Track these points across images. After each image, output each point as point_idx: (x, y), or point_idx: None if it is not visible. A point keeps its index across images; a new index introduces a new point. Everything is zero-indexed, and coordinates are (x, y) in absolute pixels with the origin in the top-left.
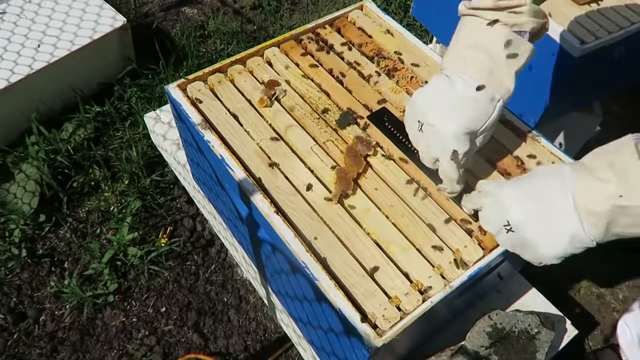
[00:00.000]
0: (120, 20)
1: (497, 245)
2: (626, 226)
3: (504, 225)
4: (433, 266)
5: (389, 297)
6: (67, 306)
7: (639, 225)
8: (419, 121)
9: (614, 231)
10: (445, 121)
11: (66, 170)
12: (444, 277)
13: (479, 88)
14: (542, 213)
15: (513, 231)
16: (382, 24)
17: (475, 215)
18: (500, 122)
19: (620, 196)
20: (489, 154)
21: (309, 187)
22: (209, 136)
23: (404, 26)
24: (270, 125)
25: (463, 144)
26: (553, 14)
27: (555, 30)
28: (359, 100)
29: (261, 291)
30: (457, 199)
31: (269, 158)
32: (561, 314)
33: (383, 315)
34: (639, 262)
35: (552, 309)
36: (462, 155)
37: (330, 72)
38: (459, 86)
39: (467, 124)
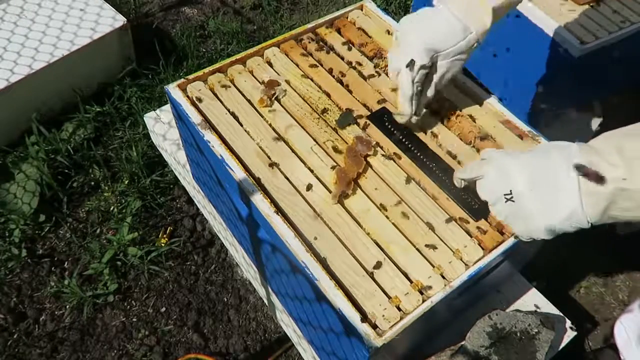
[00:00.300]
0: (120, 20)
1: (497, 245)
2: (625, 209)
3: (505, 194)
4: (433, 266)
5: (389, 297)
6: (67, 306)
7: (637, 209)
8: (396, 38)
9: (611, 214)
10: (411, 32)
11: (66, 170)
12: (444, 277)
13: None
14: (546, 186)
15: (513, 201)
16: (382, 24)
17: (469, 203)
18: (500, 122)
19: (624, 179)
20: None
21: (309, 187)
22: (209, 136)
23: None
24: (270, 125)
25: (422, 56)
26: (553, 14)
27: (555, 30)
28: (359, 100)
29: (261, 291)
30: (456, 198)
31: (269, 158)
32: (561, 314)
33: (383, 315)
34: (639, 262)
35: (552, 309)
36: (418, 68)
37: (330, 72)
38: (440, 11)
39: (431, 39)
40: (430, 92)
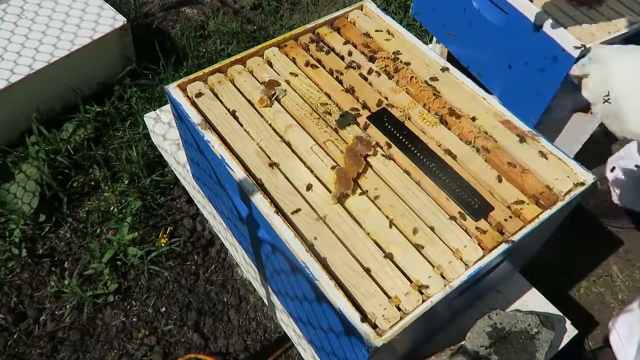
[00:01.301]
0: (120, 20)
1: (497, 245)
2: None
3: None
4: (433, 266)
5: (389, 297)
6: (67, 306)
7: None
8: (598, 83)
9: None
10: (633, 97)
11: (66, 170)
12: (443, 277)
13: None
14: None
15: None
16: (382, 24)
17: (470, 209)
18: (500, 122)
19: None
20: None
21: (309, 187)
22: (209, 136)
23: (404, 26)
24: (270, 125)
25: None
26: (553, 14)
27: (554, 31)
28: (359, 100)
29: (261, 291)
30: (456, 198)
31: (269, 158)
32: (561, 314)
33: (383, 315)
34: (639, 262)
35: (552, 309)
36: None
37: (331, 72)
38: None
39: None
40: None
